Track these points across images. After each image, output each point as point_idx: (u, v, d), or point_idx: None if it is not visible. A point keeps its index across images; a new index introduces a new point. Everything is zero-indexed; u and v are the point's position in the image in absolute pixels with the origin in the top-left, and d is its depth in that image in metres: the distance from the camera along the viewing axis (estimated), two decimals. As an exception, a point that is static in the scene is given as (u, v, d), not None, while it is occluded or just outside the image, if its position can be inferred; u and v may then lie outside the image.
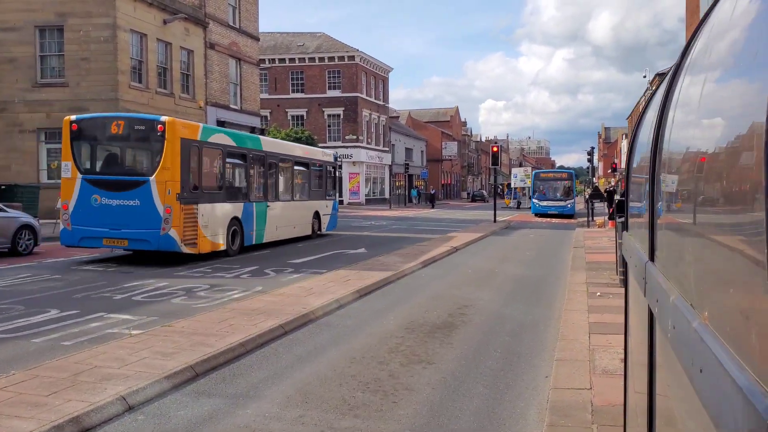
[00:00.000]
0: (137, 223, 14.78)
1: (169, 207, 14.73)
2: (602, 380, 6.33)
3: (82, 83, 28.08)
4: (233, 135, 18.53)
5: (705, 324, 1.34)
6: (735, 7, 1.54)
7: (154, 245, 14.88)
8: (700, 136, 1.65)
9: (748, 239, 1.10)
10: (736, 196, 1.23)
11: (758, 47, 1.23)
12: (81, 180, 15.25)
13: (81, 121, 15.82)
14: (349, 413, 5.68)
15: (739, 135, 1.23)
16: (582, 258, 17.05)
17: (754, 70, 1.21)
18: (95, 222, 14.96)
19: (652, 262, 2.39)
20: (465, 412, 5.83)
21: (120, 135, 15.56)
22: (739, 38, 1.41)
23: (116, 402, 5.52)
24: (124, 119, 15.87)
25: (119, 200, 14.97)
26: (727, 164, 1.32)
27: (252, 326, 8.35)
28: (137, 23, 29.29)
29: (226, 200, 17.17)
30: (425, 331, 8.93)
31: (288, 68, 60.08)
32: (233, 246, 17.23)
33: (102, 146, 16.02)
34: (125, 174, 15.43)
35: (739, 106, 1.29)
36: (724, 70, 1.53)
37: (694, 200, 1.60)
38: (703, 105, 1.66)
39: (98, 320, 9.01)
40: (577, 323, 9.06)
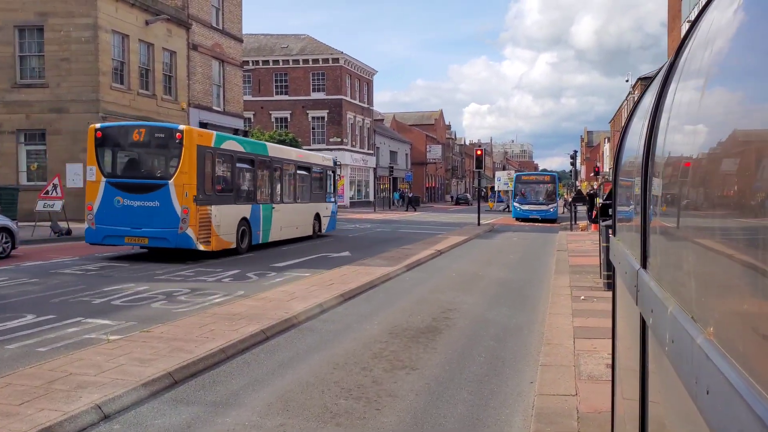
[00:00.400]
0: (157, 222, 16.01)
1: (186, 208, 16.00)
2: (588, 386, 6.26)
3: (63, 84, 27.74)
4: (242, 141, 19.92)
5: (710, 340, 1.24)
6: (725, 12, 1.48)
7: (173, 243, 16.09)
8: (698, 142, 1.57)
9: (760, 247, 1.01)
10: (744, 202, 1.14)
11: (748, 52, 1.18)
12: (105, 183, 16.47)
13: (105, 129, 17.12)
14: (331, 421, 5.56)
15: (740, 139, 1.16)
16: (565, 261, 17.04)
17: (749, 75, 1.16)
18: (118, 221, 16.20)
19: (644, 269, 2.30)
20: (449, 419, 5.73)
21: (141, 142, 16.90)
22: (732, 43, 1.36)
23: (91, 411, 5.36)
24: (145, 127, 17.20)
25: (140, 201, 16.19)
26: (729, 168, 1.23)
27: (233, 332, 8.20)
28: (119, 24, 28.99)
29: (236, 202, 18.37)
30: (409, 336, 8.83)
31: (272, 70, 59.84)
32: (242, 244, 18.42)
33: (124, 152, 17.27)
34: (146, 177, 16.61)
35: (737, 111, 1.23)
36: (719, 74, 1.46)
37: (691, 206, 1.51)
38: (699, 110, 1.57)
39: (75, 325, 8.82)
40: (562, 327, 9.00)
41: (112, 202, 16.32)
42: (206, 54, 36.09)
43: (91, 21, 27.67)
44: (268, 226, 20.15)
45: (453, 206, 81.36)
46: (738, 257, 1.13)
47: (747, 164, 1.07)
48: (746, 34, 1.23)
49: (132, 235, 16.18)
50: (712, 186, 1.33)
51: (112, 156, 17.09)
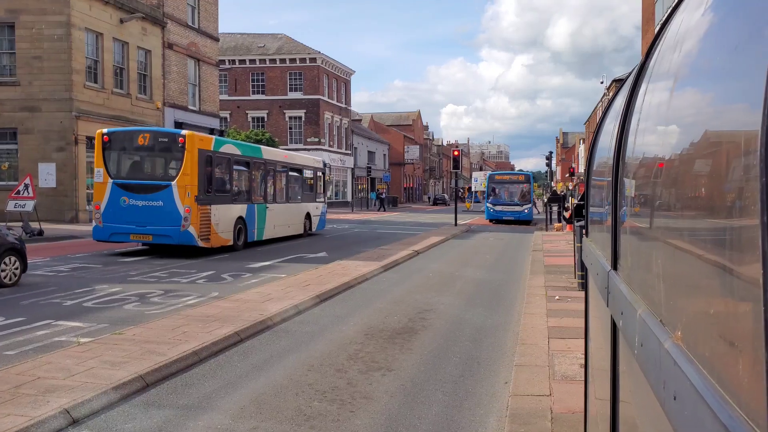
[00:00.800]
0: (161, 221, 17.11)
1: (188, 207, 17.12)
2: (562, 386, 6.28)
3: (35, 82, 27.29)
4: (239, 145, 21.21)
5: (678, 344, 1.22)
6: (693, 14, 1.47)
7: (176, 240, 17.17)
8: (667, 142, 1.55)
9: (728, 251, 0.99)
10: (709, 204, 1.12)
11: (714, 53, 1.17)
12: (111, 184, 17.55)
13: (112, 133, 18.19)
14: (304, 424, 5.51)
15: (708, 141, 1.14)
16: (541, 261, 17.13)
17: (715, 76, 1.15)
18: (124, 220, 17.31)
19: (615, 271, 2.29)
20: (423, 420, 5.71)
21: (146, 146, 18.05)
22: (699, 45, 1.35)
23: (59, 416, 5.25)
24: (150, 132, 18.42)
25: (145, 201, 17.30)
26: (695, 169, 1.22)
27: (206, 334, 8.10)
28: (93, 22, 28.60)
29: (234, 202, 19.57)
30: (385, 337, 8.79)
31: (248, 69, 59.47)
32: (239, 242, 19.59)
33: (130, 155, 18.30)
34: (150, 179, 17.78)
35: (704, 112, 1.22)
36: (686, 76, 1.44)
37: (661, 207, 1.49)
38: (668, 111, 1.56)
39: (45, 328, 8.66)
40: (537, 327, 9.03)
41: (119, 201, 17.39)
42: (182, 53, 35.76)
43: (63, 18, 27.26)
44: (262, 225, 21.30)
45: (431, 207, 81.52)
46: (705, 260, 1.11)
47: (712, 166, 1.05)
48: (712, 35, 1.21)
49: (137, 232, 17.29)
50: (678, 188, 1.31)
51: (119, 159, 18.07)
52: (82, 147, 27.86)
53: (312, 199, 26.69)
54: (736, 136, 0.90)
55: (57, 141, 27.39)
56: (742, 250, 0.87)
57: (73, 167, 27.47)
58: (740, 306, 0.88)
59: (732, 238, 0.94)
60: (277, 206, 22.76)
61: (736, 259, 0.91)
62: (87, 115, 28.04)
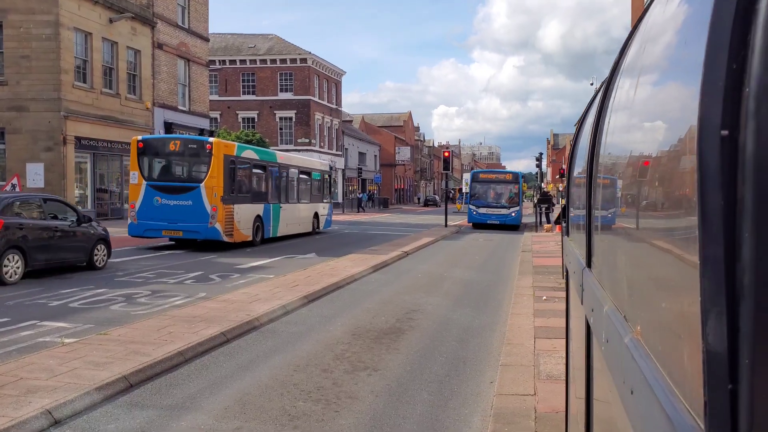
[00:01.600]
0: (190, 218, 19.08)
1: (215, 206, 19.09)
2: (546, 386, 6.30)
3: (23, 82, 27.11)
4: (258, 151, 23.33)
5: (637, 340, 1.23)
6: (665, 11, 1.47)
7: (203, 235, 19.30)
8: (634, 140, 1.56)
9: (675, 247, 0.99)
10: (669, 201, 1.13)
11: (685, 50, 1.17)
12: (145, 185, 19.52)
13: (146, 140, 20.52)
14: (288, 424, 5.49)
15: (669, 139, 1.14)
16: (529, 262, 17.18)
17: (682, 74, 1.15)
18: (156, 217, 19.16)
19: (588, 268, 2.30)
20: (408, 420, 5.70)
21: (176, 151, 20.17)
22: (669, 41, 1.35)
23: (41, 416, 5.22)
24: (180, 140, 20.94)
25: (176, 201, 19.25)
26: (658, 168, 1.22)
27: (192, 334, 8.07)
28: (82, 21, 28.45)
29: (253, 202, 21.47)
30: (372, 337, 8.79)
31: (239, 70, 59.33)
32: (257, 238, 21.52)
33: (162, 160, 20.33)
34: (181, 181, 19.90)
35: (672, 110, 1.21)
36: (655, 73, 1.45)
37: (628, 205, 1.50)
38: (636, 109, 1.56)
39: (30, 328, 8.61)
40: (523, 327, 9.06)
41: (152, 201, 19.31)
42: (171, 53, 35.64)
43: (52, 18, 27.10)
44: (276, 223, 23.34)
45: (422, 208, 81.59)
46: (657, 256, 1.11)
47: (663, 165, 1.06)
48: (671, 30, 1.21)
49: (168, 228, 19.18)
50: (635, 186, 1.32)
51: (152, 163, 20.14)
52: (70, 147, 27.72)
53: (320, 199, 28.65)
54: (681, 135, 0.91)
55: (45, 141, 27.23)
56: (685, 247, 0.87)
57: (62, 167, 27.31)
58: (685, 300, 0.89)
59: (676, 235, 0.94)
60: (290, 206, 24.73)
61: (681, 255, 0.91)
62: (75, 115, 27.89)
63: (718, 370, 0.69)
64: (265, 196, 22.78)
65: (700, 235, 0.70)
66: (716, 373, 0.69)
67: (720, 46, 0.66)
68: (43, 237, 13.21)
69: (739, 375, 0.67)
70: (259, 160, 22.51)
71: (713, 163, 0.66)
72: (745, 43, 0.67)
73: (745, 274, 0.66)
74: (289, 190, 25.19)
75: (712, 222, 0.67)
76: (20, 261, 12.54)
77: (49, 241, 13.35)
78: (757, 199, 0.65)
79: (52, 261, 13.47)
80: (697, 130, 0.68)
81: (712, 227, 0.67)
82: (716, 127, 0.66)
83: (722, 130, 0.67)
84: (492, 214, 34.01)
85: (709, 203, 0.67)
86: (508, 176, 36.70)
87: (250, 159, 21.79)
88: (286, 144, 57.62)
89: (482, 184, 35.18)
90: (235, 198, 20.14)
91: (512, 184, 35.15)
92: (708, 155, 0.67)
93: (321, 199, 28.90)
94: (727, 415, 0.68)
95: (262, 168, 22.85)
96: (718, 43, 0.67)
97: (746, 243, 0.66)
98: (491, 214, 34.02)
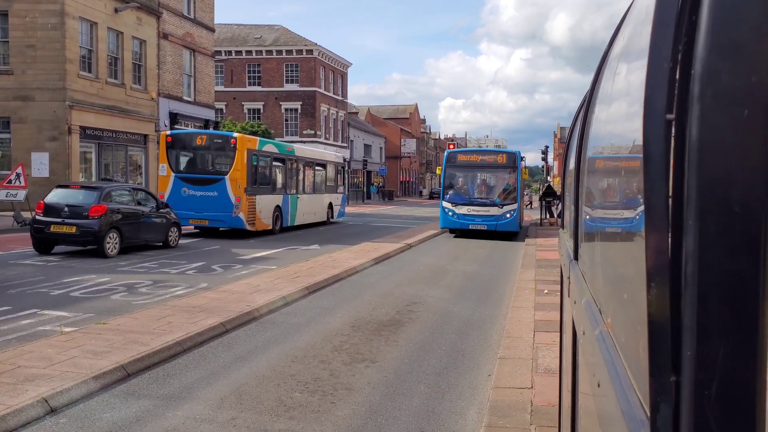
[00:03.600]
0: (215, 208, 20.35)
1: (239, 197, 20.35)
2: (544, 379, 6.28)
3: (28, 71, 27.13)
4: (277, 145, 24.66)
5: (607, 332, 1.21)
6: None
7: (228, 224, 20.56)
8: (611, 132, 1.53)
9: (640, 238, 0.97)
10: (632, 193, 1.11)
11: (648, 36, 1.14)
12: (174, 177, 20.84)
13: (174, 135, 22.09)
14: (284, 415, 5.50)
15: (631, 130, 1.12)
16: (533, 255, 17.14)
17: (660, 62, 1.12)
18: (184, 207, 19.98)
19: (576, 261, 2.28)
20: (404, 412, 5.70)
21: (203, 145, 21.45)
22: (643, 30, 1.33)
23: (37, 404, 5.23)
24: (206, 134, 22.48)
25: (202, 192, 20.49)
26: (627, 160, 1.20)
27: (191, 324, 8.08)
28: (87, 11, 28.43)
29: (273, 193, 22.82)
30: (371, 329, 8.78)
31: (245, 61, 59.23)
32: (276, 226, 22.82)
33: (189, 153, 21.60)
34: (207, 173, 21.08)
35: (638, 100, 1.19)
36: (627, 63, 1.42)
37: (605, 197, 1.48)
38: (613, 100, 1.54)
39: (30, 317, 8.63)
40: (524, 321, 9.04)
41: (180, 192, 20.54)
42: (177, 43, 35.60)
43: (57, 7, 27.08)
44: (294, 212, 24.56)
45: (427, 200, 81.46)
46: (627, 248, 1.09)
47: (626, 159, 1.04)
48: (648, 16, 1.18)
49: (195, 217, 20.47)
50: (608, 178, 1.29)
51: (179, 156, 21.43)
52: (75, 137, 27.75)
53: (334, 190, 29.86)
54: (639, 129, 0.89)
55: (50, 131, 27.26)
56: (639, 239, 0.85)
57: (67, 157, 27.35)
58: (642, 292, 0.87)
59: (637, 226, 0.92)
60: (306, 197, 26.00)
61: (641, 246, 0.89)
62: (80, 105, 27.91)
63: (662, 362, 0.67)
64: (283, 187, 24.02)
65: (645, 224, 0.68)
66: (659, 365, 0.67)
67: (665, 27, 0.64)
68: (133, 220, 15.85)
69: (681, 367, 0.66)
70: (278, 154, 23.76)
71: (658, 149, 0.64)
72: (691, 24, 0.64)
73: (689, 264, 0.64)
74: (305, 181, 26.30)
75: (656, 210, 0.65)
76: (118, 239, 15.20)
77: (137, 223, 16.03)
78: (702, 186, 0.63)
79: (138, 240, 16.18)
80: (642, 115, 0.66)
81: (656, 216, 0.65)
82: (661, 110, 0.64)
83: (667, 114, 0.65)
84: (477, 215, 23.23)
85: (653, 191, 0.65)
86: (500, 158, 24.46)
87: (271, 152, 23.01)
88: (291, 135, 57.54)
89: (462, 170, 24.29)
90: (257, 189, 21.40)
91: (507, 170, 23.86)
92: (652, 141, 0.65)
93: (335, 189, 30.04)
94: (670, 408, 0.66)
95: (281, 161, 24.01)
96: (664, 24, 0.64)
97: (690, 232, 0.64)
98: (475, 215, 23.23)
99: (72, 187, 16.12)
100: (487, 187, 23.99)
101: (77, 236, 14.74)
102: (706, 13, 0.63)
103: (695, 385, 0.64)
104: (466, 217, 23.24)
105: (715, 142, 0.63)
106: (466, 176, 24.33)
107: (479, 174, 24.23)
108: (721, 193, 0.62)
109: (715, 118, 0.63)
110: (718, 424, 0.63)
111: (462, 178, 24.29)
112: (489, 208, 23.24)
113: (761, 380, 0.65)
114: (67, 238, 14.96)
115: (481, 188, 24.03)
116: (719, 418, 0.63)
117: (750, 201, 0.62)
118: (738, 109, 0.62)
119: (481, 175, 24.22)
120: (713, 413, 0.63)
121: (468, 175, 24.29)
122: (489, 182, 24.08)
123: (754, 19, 0.62)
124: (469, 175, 24.28)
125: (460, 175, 24.26)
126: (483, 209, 23.22)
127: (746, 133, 0.62)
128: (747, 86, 0.62)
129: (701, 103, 0.63)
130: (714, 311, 0.63)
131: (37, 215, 15.13)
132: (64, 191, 15.70)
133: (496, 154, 25.95)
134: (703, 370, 0.64)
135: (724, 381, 0.63)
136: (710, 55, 0.63)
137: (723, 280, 0.63)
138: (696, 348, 0.64)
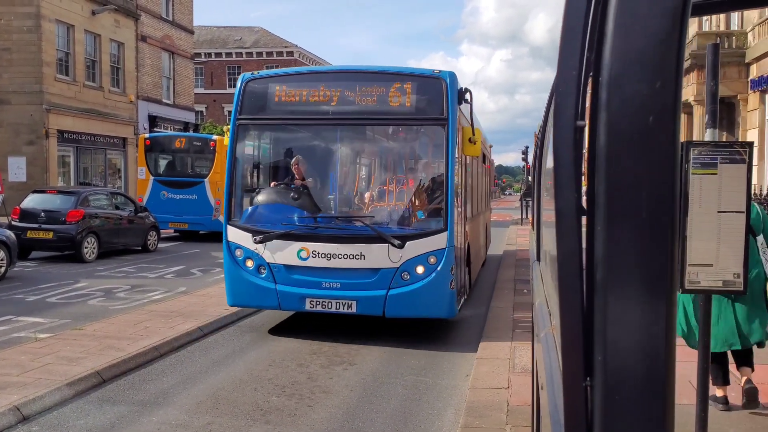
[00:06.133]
0: (195, 211, 20.00)
1: (218, 200, 19.31)
2: (520, 379, 6.30)
3: (4, 75, 26.77)
4: None
5: (552, 335, 1.22)
6: None
7: (207, 227, 20.06)
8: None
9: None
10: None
11: None
12: (153, 181, 20.46)
13: (153, 138, 21.78)
14: (260, 419, 5.47)
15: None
16: (512, 255, 17.21)
17: None
18: (163, 210, 19.67)
19: (537, 262, 2.29)
20: (381, 414, 5.70)
21: (182, 148, 21.17)
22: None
23: (8, 413, 5.17)
24: (185, 137, 22.16)
25: (181, 195, 20.15)
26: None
27: (168, 329, 8.02)
28: (64, 14, 28.13)
29: None
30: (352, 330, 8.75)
31: (224, 63, 58.93)
32: None
33: (168, 156, 21.26)
34: (186, 176, 20.70)
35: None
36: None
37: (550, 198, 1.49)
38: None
39: (5, 324, 8.52)
40: (503, 320, 9.07)
41: (159, 195, 20.20)
42: (155, 46, 35.34)
43: (33, 10, 26.77)
44: None
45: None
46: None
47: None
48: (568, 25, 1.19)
49: (175, 221, 20.17)
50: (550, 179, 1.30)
51: (159, 159, 21.08)
52: (53, 140, 27.43)
53: None
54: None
55: (27, 134, 26.93)
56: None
57: (44, 161, 27.02)
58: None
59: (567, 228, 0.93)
60: None
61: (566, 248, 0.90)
62: (58, 108, 27.60)
63: (574, 366, 0.67)
64: None
65: (556, 231, 0.68)
66: (572, 370, 0.67)
67: (573, 36, 0.64)
68: (111, 225, 15.87)
69: (594, 370, 0.66)
70: None
71: (567, 155, 0.64)
72: (599, 32, 0.65)
73: (598, 269, 0.65)
74: None
75: (566, 215, 0.65)
76: (96, 243, 15.19)
77: (115, 227, 16.05)
78: (610, 192, 0.63)
79: (117, 244, 16.15)
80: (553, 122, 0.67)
81: (566, 221, 0.65)
82: (570, 118, 0.64)
83: (577, 120, 0.65)
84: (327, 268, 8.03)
85: (563, 197, 0.66)
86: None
87: None
88: (272, 137, 57.28)
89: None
90: None
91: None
92: (562, 147, 0.65)
93: None
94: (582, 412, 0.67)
95: None
96: (573, 32, 0.65)
97: (598, 237, 0.64)
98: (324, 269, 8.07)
99: (48, 192, 16.09)
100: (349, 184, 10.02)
101: (54, 242, 14.65)
102: (612, 22, 0.64)
103: (607, 390, 0.65)
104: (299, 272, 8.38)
105: (622, 147, 0.63)
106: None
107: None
108: (629, 198, 0.63)
109: (622, 124, 0.63)
110: (628, 427, 0.64)
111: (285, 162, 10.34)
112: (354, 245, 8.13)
113: (670, 381, 0.66)
114: (44, 244, 14.88)
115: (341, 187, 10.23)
116: (629, 421, 0.64)
117: (657, 205, 0.63)
118: (644, 115, 0.63)
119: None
120: (624, 417, 0.64)
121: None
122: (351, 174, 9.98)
123: (658, 27, 0.63)
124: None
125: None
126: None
127: (652, 137, 0.63)
128: (652, 92, 0.63)
129: (608, 110, 0.63)
130: (623, 315, 0.64)
131: (12, 221, 14.97)
132: (40, 196, 15.64)
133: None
134: (614, 374, 0.64)
135: (634, 384, 0.64)
136: (616, 63, 0.63)
137: (632, 283, 0.63)
138: (605, 352, 0.64)
